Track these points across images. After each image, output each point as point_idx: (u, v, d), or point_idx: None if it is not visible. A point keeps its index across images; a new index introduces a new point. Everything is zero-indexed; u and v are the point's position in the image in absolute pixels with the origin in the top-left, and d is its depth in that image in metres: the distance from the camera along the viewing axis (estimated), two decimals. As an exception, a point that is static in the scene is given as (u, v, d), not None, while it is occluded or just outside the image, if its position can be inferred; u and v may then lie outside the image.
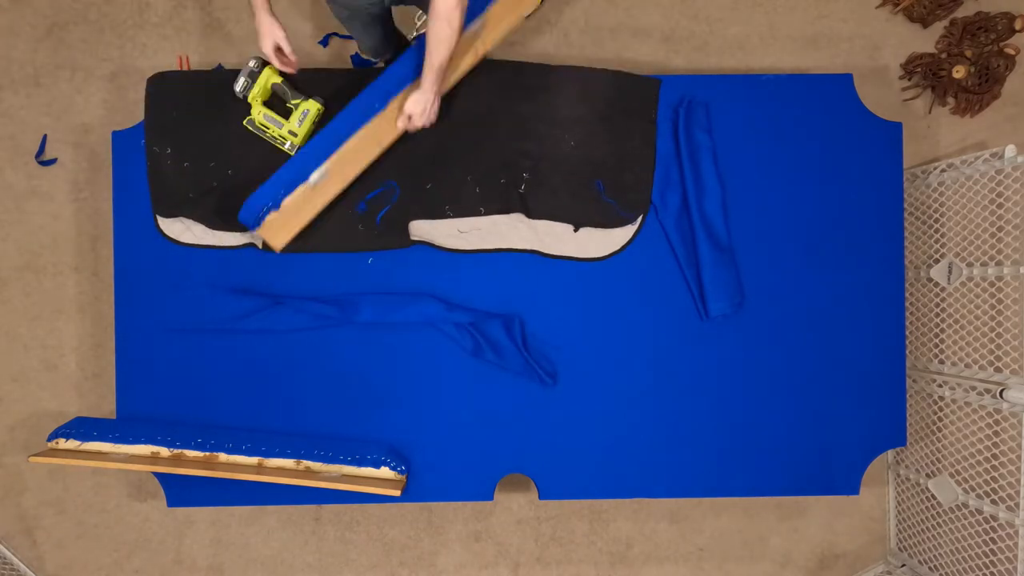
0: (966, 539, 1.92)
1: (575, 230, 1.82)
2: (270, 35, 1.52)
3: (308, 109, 1.69)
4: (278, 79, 1.67)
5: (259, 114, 1.69)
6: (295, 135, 1.70)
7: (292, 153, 1.72)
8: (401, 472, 1.80)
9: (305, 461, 1.79)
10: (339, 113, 1.67)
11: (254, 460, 1.79)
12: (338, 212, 1.79)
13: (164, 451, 1.79)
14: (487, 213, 1.80)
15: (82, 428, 1.79)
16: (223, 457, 1.79)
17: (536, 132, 1.80)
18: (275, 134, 1.71)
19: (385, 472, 1.79)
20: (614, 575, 2.23)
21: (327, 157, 1.65)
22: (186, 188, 1.79)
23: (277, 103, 1.72)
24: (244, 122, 1.70)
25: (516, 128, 1.80)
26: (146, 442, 1.79)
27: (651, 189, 1.83)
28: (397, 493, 1.74)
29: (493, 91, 1.79)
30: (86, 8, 2.12)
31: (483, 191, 1.80)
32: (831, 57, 2.18)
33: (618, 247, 1.84)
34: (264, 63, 1.66)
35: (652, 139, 1.83)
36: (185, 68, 1.88)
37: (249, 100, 1.68)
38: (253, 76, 1.66)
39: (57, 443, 1.79)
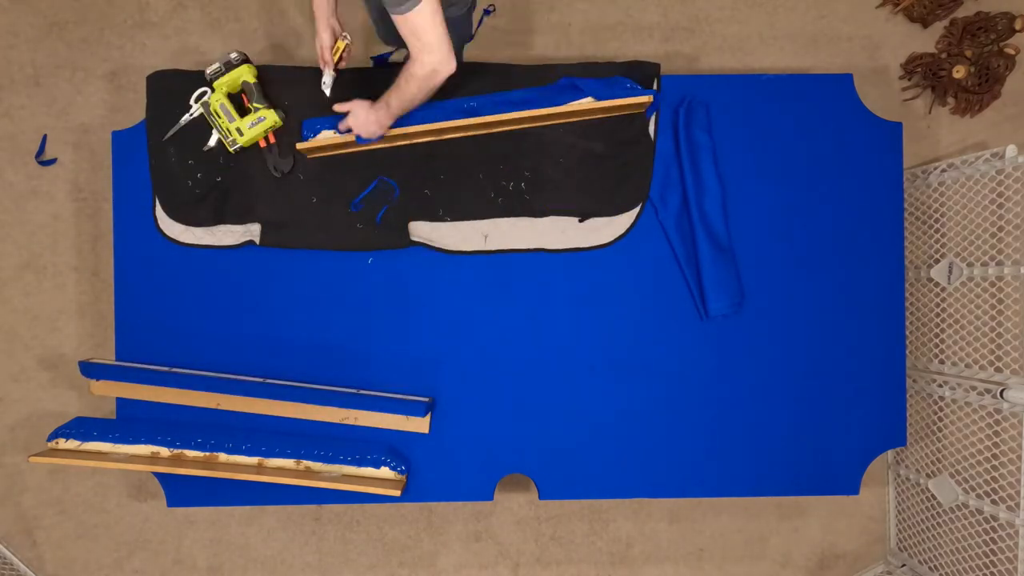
0: (966, 539, 1.92)
1: (581, 221, 1.82)
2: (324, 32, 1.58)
3: (265, 117, 1.67)
4: (251, 79, 1.65)
5: (217, 101, 1.66)
6: (241, 134, 1.67)
7: (232, 150, 1.70)
8: (401, 472, 1.80)
9: (305, 461, 1.79)
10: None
11: (254, 460, 1.79)
12: (336, 210, 1.79)
13: (164, 451, 1.79)
14: (489, 216, 1.81)
15: (82, 428, 1.79)
16: (223, 457, 1.79)
17: (534, 131, 1.80)
18: (223, 125, 1.66)
19: (385, 472, 1.79)
20: (614, 575, 2.23)
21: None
22: (191, 184, 1.79)
23: (238, 103, 1.70)
24: (198, 100, 1.68)
25: (514, 130, 1.80)
26: (146, 442, 1.79)
27: (650, 175, 1.83)
28: (397, 493, 1.74)
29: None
30: (86, 8, 2.12)
31: (484, 195, 1.80)
32: (831, 57, 2.18)
33: (622, 231, 1.84)
34: (245, 59, 1.65)
35: (646, 124, 1.82)
36: None
37: (214, 85, 1.66)
38: (228, 66, 1.64)
39: (57, 443, 1.79)
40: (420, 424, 1.80)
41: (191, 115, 1.74)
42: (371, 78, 1.75)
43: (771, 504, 2.22)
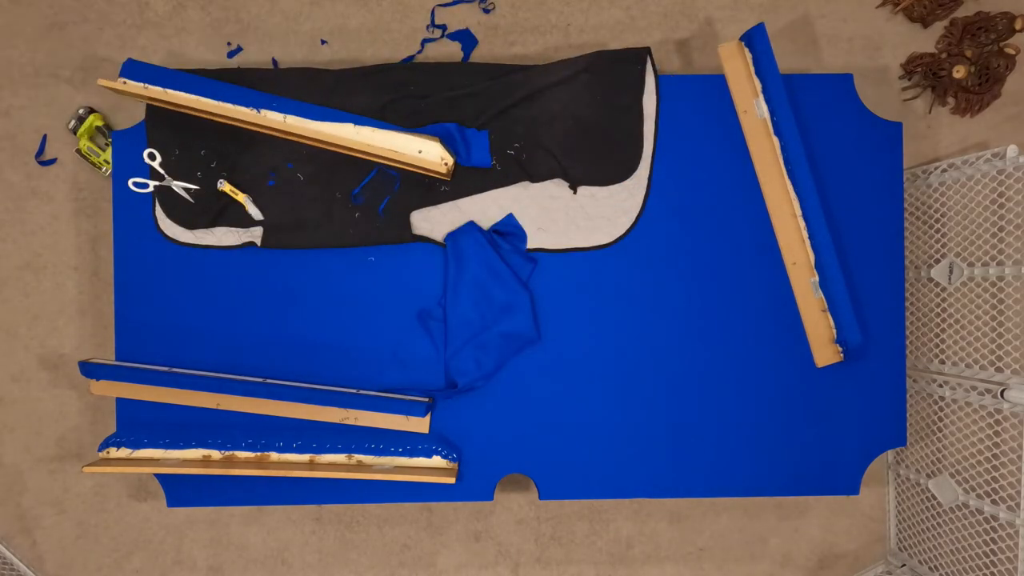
0: (966, 539, 1.92)
1: (573, 190, 1.82)
2: None
3: None
4: (100, 123, 2.04)
5: (84, 146, 2.02)
6: (108, 163, 2.01)
7: (106, 176, 2.02)
8: (453, 460, 1.80)
9: (357, 456, 1.79)
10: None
11: (305, 457, 1.80)
12: (338, 205, 1.79)
13: (215, 454, 1.79)
14: (488, 188, 1.80)
15: (132, 436, 1.80)
16: (274, 456, 1.80)
17: (525, 99, 1.80)
18: (94, 160, 2.03)
19: (437, 461, 1.81)
20: (614, 575, 2.23)
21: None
22: (192, 190, 1.79)
23: (100, 137, 2.06)
24: (75, 149, 2.06)
25: (504, 98, 1.80)
26: (197, 446, 1.79)
27: (641, 147, 1.83)
28: (452, 480, 1.76)
29: (480, 76, 1.83)
30: (86, 8, 2.12)
31: (480, 168, 1.80)
32: (831, 57, 2.17)
33: (622, 231, 1.83)
34: (91, 110, 2.05)
35: (639, 99, 1.83)
36: None
37: (77, 135, 2.04)
38: (80, 119, 2.04)
39: (108, 452, 1.79)
40: (420, 424, 1.80)
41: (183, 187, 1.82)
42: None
43: (771, 504, 2.22)
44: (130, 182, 1.80)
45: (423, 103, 1.80)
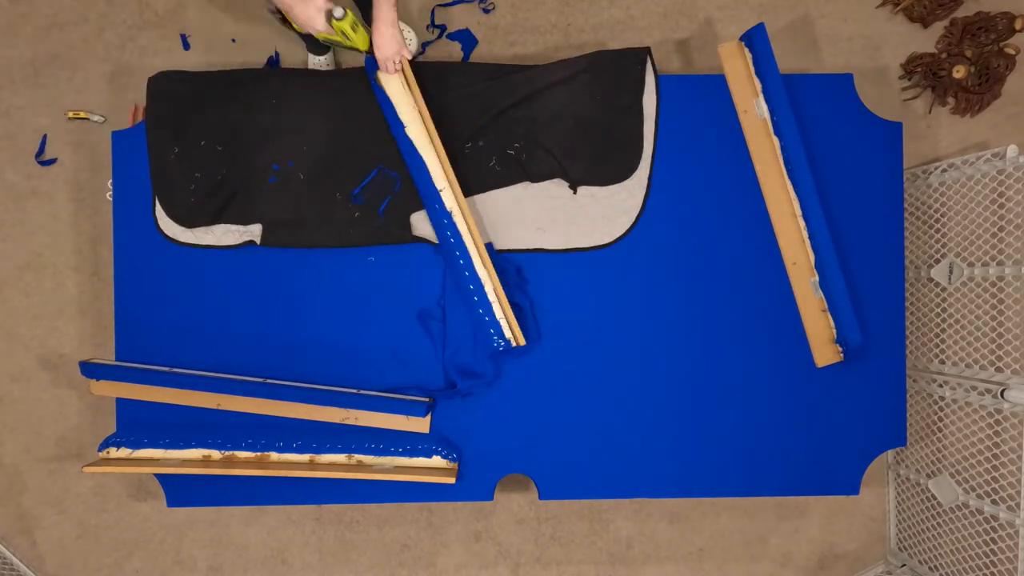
0: (966, 539, 1.92)
1: (573, 190, 1.82)
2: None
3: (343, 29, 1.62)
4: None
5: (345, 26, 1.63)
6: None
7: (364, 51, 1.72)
8: (452, 460, 1.80)
9: (357, 455, 1.79)
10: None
11: (305, 457, 1.80)
12: (338, 205, 1.79)
13: (215, 454, 1.79)
14: (489, 188, 1.80)
15: (132, 436, 1.80)
16: (274, 456, 1.80)
17: (525, 99, 1.80)
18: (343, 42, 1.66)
19: (437, 461, 1.81)
20: (614, 575, 2.23)
21: None
22: (193, 188, 1.79)
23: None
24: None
25: (505, 97, 1.80)
26: (197, 446, 1.79)
27: (641, 148, 1.83)
28: (452, 480, 1.76)
29: (480, 76, 1.83)
30: (86, 8, 2.12)
31: (484, 162, 1.80)
32: (831, 57, 2.18)
33: (622, 231, 1.84)
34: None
35: (639, 99, 1.83)
36: (139, 119, 1.90)
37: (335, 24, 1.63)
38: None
39: (108, 452, 1.79)
40: (420, 424, 1.80)
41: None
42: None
43: (771, 504, 2.22)
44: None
45: None
